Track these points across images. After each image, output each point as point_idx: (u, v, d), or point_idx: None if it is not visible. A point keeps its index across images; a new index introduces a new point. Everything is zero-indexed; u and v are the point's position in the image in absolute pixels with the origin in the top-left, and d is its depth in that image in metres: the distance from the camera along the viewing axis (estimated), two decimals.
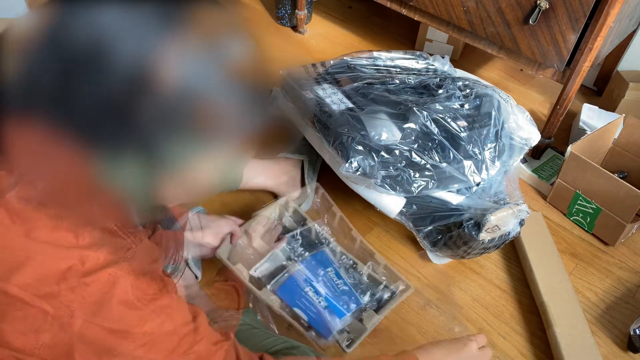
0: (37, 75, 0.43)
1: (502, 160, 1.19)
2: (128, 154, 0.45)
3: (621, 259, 1.31)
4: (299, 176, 1.39)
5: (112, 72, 0.43)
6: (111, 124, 0.46)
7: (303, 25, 2.05)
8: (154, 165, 0.47)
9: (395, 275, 1.13)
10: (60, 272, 0.48)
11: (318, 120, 1.21)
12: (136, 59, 0.44)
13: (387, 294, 1.11)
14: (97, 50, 0.43)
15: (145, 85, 0.45)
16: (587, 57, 1.30)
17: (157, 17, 0.45)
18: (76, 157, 0.45)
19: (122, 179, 0.46)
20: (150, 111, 0.45)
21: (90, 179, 0.46)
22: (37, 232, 0.48)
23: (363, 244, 1.17)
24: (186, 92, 0.45)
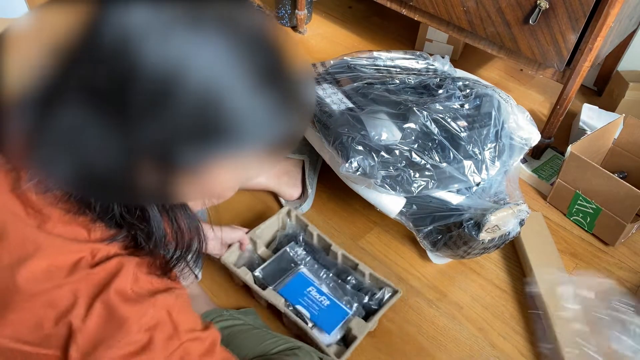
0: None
1: (502, 160, 1.19)
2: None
3: (621, 259, 1.31)
4: (300, 176, 1.39)
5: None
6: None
7: (303, 25, 2.05)
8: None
9: (382, 281, 1.12)
10: (69, 265, 0.48)
11: (318, 120, 1.21)
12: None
13: (374, 301, 1.11)
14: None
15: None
16: (587, 57, 1.30)
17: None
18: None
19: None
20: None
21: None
22: (49, 225, 0.48)
23: (345, 256, 1.16)
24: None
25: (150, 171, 0.39)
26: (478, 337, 1.12)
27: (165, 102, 0.36)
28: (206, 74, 0.36)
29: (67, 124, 0.37)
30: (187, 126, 0.37)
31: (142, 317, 0.48)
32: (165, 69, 0.35)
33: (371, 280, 1.14)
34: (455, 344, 1.11)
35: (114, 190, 0.41)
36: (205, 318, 1.01)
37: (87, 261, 0.48)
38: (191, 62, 0.35)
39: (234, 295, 1.15)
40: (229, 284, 1.17)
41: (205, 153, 0.40)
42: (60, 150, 0.38)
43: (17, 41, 0.40)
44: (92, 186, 0.41)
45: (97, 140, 0.37)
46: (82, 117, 0.37)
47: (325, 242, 1.18)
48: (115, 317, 0.47)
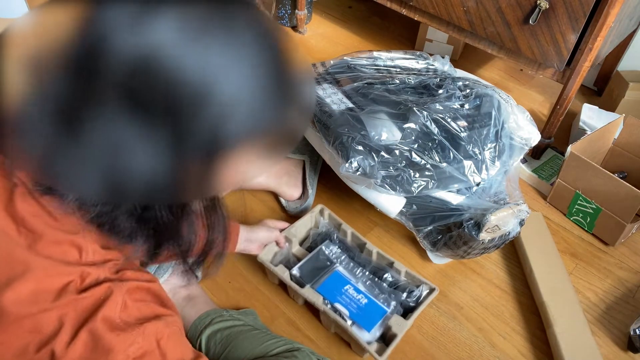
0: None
1: (502, 160, 1.19)
2: None
3: (621, 259, 1.31)
4: (300, 176, 1.39)
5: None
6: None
7: (303, 25, 2.05)
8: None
9: (418, 279, 1.13)
10: (56, 289, 0.47)
11: (318, 120, 1.21)
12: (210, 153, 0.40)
13: (412, 298, 1.11)
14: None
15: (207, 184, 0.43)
16: (587, 57, 1.30)
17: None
18: None
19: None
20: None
21: None
22: (40, 245, 0.47)
23: (380, 254, 1.17)
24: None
25: (196, 168, 0.40)
26: (478, 337, 1.12)
27: (206, 101, 0.37)
28: (232, 74, 0.38)
29: (105, 136, 0.36)
30: (224, 120, 0.38)
31: (130, 346, 0.48)
32: (201, 73, 0.36)
33: (407, 278, 1.15)
34: (455, 344, 1.11)
35: (162, 193, 0.41)
36: (205, 318, 1.01)
37: (76, 285, 0.47)
38: (221, 64, 0.37)
39: (234, 296, 1.15)
40: (228, 284, 1.18)
41: (234, 141, 0.41)
42: (97, 162, 0.38)
43: (21, 47, 0.39)
44: (132, 194, 0.40)
45: (146, 149, 0.37)
46: (122, 128, 0.36)
47: (360, 240, 1.19)
48: (101, 346, 0.46)
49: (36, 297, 0.46)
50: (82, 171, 0.38)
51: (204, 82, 0.36)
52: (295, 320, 1.12)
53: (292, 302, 1.15)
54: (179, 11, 0.36)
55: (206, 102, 0.37)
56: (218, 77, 0.37)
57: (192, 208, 0.49)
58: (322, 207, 1.26)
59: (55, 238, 0.47)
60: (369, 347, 0.99)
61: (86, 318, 0.47)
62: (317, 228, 1.25)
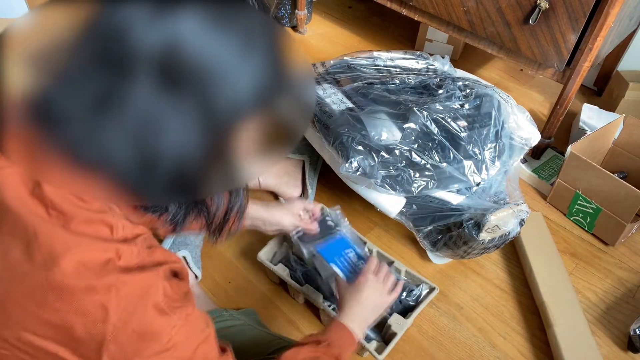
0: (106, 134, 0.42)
1: (502, 160, 1.19)
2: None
3: (621, 259, 1.31)
4: (300, 176, 1.39)
5: (195, 135, 0.44)
6: (177, 194, 0.48)
7: (303, 25, 2.05)
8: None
9: (418, 278, 1.13)
10: (99, 264, 0.49)
11: (318, 120, 1.21)
12: (224, 124, 0.45)
13: (412, 298, 1.11)
14: (185, 112, 0.43)
15: (221, 152, 0.47)
16: (587, 57, 1.30)
17: (259, 85, 0.46)
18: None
19: None
20: (217, 178, 0.48)
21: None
22: (73, 225, 0.49)
23: (380, 254, 1.17)
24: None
25: (218, 136, 0.45)
26: (478, 337, 1.12)
27: (224, 78, 0.44)
28: (244, 56, 0.45)
29: (139, 112, 0.42)
30: (237, 94, 0.45)
31: (172, 328, 0.51)
32: (219, 54, 0.43)
33: (407, 277, 1.14)
34: (455, 344, 1.11)
35: (192, 162, 0.45)
36: None
37: (115, 264, 0.50)
38: (235, 47, 0.44)
39: (234, 296, 1.15)
40: (228, 284, 1.18)
41: (245, 112, 0.46)
42: (133, 137, 0.42)
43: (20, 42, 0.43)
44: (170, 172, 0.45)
45: (177, 121, 0.43)
46: (154, 103, 0.42)
47: (360, 239, 1.19)
48: (149, 331, 0.50)
49: (80, 271, 0.48)
50: (119, 147, 0.42)
51: (221, 62, 0.43)
52: (295, 319, 1.12)
53: (292, 301, 1.15)
54: (193, 7, 0.43)
55: (224, 79, 0.44)
56: (233, 58, 0.44)
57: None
58: (322, 206, 1.25)
59: (86, 217, 0.50)
60: (368, 346, 0.99)
61: (134, 305, 0.49)
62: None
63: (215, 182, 0.49)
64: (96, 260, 0.49)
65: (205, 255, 1.22)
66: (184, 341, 0.53)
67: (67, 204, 0.49)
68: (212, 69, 0.43)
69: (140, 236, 0.53)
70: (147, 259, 0.52)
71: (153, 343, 0.50)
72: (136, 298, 0.50)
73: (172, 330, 0.51)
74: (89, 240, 0.49)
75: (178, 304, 0.53)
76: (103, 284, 0.48)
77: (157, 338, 0.50)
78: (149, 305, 0.50)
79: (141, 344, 0.50)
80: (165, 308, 0.51)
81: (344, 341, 0.84)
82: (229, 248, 1.25)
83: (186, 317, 0.53)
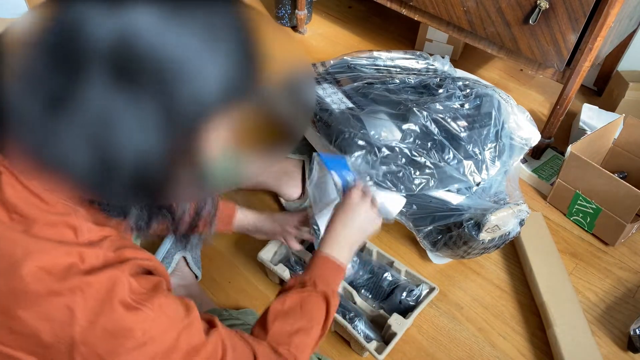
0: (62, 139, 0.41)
1: (502, 160, 1.19)
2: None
3: (621, 259, 1.31)
4: (300, 176, 1.39)
5: (156, 136, 0.42)
6: (141, 197, 0.46)
7: (303, 25, 2.05)
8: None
9: (418, 278, 1.13)
10: (62, 269, 0.48)
11: (319, 119, 1.21)
12: (188, 123, 0.44)
13: (412, 298, 1.11)
14: (145, 111, 0.42)
15: (188, 154, 0.45)
16: (587, 57, 1.30)
17: (226, 78, 0.44)
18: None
19: None
20: (186, 180, 0.47)
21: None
22: (36, 229, 0.48)
23: (380, 254, 1.17)
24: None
25: (182, 138, 0.44)
26: (478, 337, 1.12)
27: (184, 73, 0.42)
28: (205, 49, 0.43)
29: (94, 110, 0.40)
30: (201, 90, 0.43)
31: (144, 321, 0.50)
32: (178, 47, 0.42)
33: (407, 277, 1.14)
34: (455, 344, 1.11)
35: (152, 165, 0.44)
36: None
37: (78, 267, 0.48)
38: (194, 39, 0.43)
39: (234, 296, 1.15)
40: (228, 284, 1.18)
41: (211, 110, 0.45)
42: (89, 138, 0.41)
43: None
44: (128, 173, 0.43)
45: (134, 121, 0.41)
46: (110, 100, 0.40)
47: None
48: (120, 328, 0.49)
49: (41, 277, 0.47)
50: (75, 147, 0.41)
51: (180, 55, 0.41)
52: None
53: None
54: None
55: (184, 74, 0.42)
56: (193, 52, 0.42)
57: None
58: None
59: (49, 220, 0.48)
60: (369, 346, 0.99)
61: (101, 304, 0.48)
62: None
63: (184, 185, 0.48)
64: (58, 265, 0.47)
65: (205, 255, 1.22)
66: (162, 333, 0.52)
67: (30, 208, 0.48)
68: (170, 64, 0.41)
69: (107, 238, 0.52)
70: (112, 259, 0.51)
71: (126, 340, 0.49)
72: (102, 297, 0.48)
73: (145, 323, 0.50)
74: (51, 244, 0.48)
75: (146, 297, 0.51)
76: (67, 287, 0.47)
77: (129, 334, 0.49)
78: (115, 302, 0.49)
79: (114, 342, 0.48)
80: (132, 303, 0.50)
81: (330, 274, 0.80)
82: (229, 248, 1.25)
83: (159, 307, 0.52)
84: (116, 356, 0.49)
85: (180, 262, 1.12)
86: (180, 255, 1.12)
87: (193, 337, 0.56)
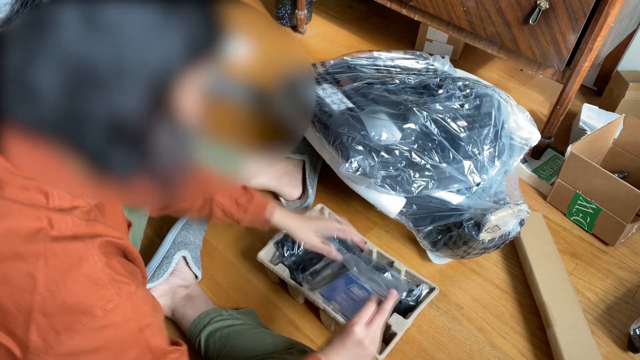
0: (36, 84, 0.42)
1: (502, 160, 1.19)
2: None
3: (621, 259, 1.31)
4: (300, 176, 1.39)
5: (128, 92, 0.43)
6: (121, 151, 0.45)
7: (303, 25, 2.05)
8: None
9: (419, 278, 1.13)
10: (29, 232, 0.47)
11: (318, 120, 1.21)
12: (156, 80, 0.44)
13: (412, 298, 1.11)
14: (115, 65, 0.42)
15: (163, 111, 0.45)
16: (587, 57, 1.30)
17: (188, 37, 0.45)
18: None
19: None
20: (167, 140, 0.46)
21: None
22: (7, 191, 0.48)
23: (380, 254, 1.17)
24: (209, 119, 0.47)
25: (160, 89, 0.44)
26: (478, 337, 1.12)
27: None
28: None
29: (69, 57, 0.42)
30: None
31: (107, 302, 0.49)
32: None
33: (407, 277, 1.14)
34: (455, 344, 1.11)
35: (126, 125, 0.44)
36: (204, 317, 1.01)
37: (47, 232, 0.48)
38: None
39: (234, 296, 1.15)
40: (228, 284, 1.18)
41: (175, 71, 0.45)
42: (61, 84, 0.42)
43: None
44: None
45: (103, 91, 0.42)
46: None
47: (361, 240, 1.18)
48: (80, 302, 0.48)
49: (8, 238, 0.46)
50: (50, 96, 0.42)
51: (143, 15, 0.43)
52: (295, 319, 1.12)
53: (292, 301, 1.15)
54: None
55: (148, 30, 0.43)
56: (155, 12, 0.43)
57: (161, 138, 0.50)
58: (322, 206, 1.26)
59: (21, 184, 0.48)
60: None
61: (64, 274, 0.47)
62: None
63: (164, 143, 0.47)
64: (26, 228, 0.47)
65: (205, 255, 1.22)
66: (123, 321, 0.51)
67: (2, 171, 0.48)
68: (135, 16, 0.42)
69: (77, 208, 0.52)
70: (82, 230, 0.51)
71: (84, 316, 0.48)
72: (66, 267, 0.48)
73: (107, 304, 0.49)
74: (20, 207, 0.48)
75: (121, 279, 0.51)
76: (31, 251, 0.47)
77: (88, 311, 0.48)
78: (79, 275, 0.48)
79: (72, 317, 0.48)
80: (102, 278, 0.49)
81: None
82: (229, 248, 1.25)
83: (127, 295, 0.51)
84: (72, 332, 0.47)
85: (180, 262, 1.12)
86: (180, 255, 1.12)
87: (155, 339, 0.55)
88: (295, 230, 1.05)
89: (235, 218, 0.99)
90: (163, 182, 0.52)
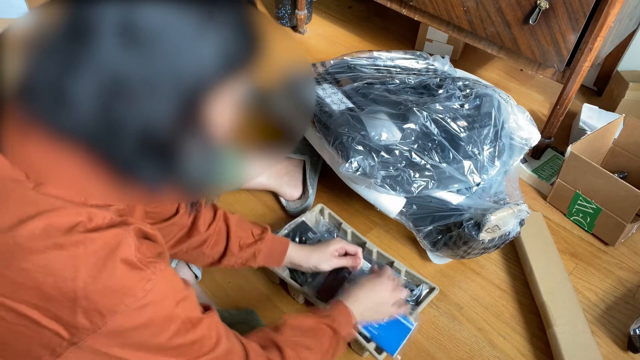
0: (73, 94, 0.43)
1: (502, 160, 1.19)
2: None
3: (621, 259, 1.31)
4: (301, 176, 1.39)
5: (162, 104, 0.45)
6: (150, 161, 0.47)
7: (303, 25, 2.05)
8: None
9: (419, 278, 1.13)
10: (67, 227, 0.49)
11: (318, 120, 1.21)
12: (190, 94, 0.46)
13: (412, 298, 1.11)
14: (151, 78, 0.44)
15: (194, 124, 0.47)
16: (587, 57, 1.30)
17: (225, 51, 0.46)
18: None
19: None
20: (196, 152, 0.48)
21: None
22: (48, 188, 0.49)
23: (380, 254, 1.17)
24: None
25: (193, 102, 0.46)
26: (478, 337, 1.12)
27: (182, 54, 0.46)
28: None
29: (104, 71, 0.43)
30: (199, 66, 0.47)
31: (147, 282, 0.51)
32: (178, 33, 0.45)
33: (407, 277, 1.14)
34: (455, 344, 1.11)
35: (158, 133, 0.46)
36: None
37: (85, 225, 0.50)
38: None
39: (234, 296, 1.15)
40: (228, 284, 1.18)
41: (210, 83, 0.47)
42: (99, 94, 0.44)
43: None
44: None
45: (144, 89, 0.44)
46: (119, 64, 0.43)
47: (360, 240, 1.20)
48: (122, 285, 0.50)
49: (48, 231, 0.48)
50: (86, 107, 0.44)
51: (180, 27, 0.44)
52: None
53: (292, 301, 1.15)
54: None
55: (185, 43, 0.45)
56: (192, 21, 0.45)
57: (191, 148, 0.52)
58: (322, 206, 1.26)
59: (62, 181, 0.50)
60: (368, 346, 0.99)
61: (104, 260, 0.49)
62: (317, 227, 1.24)
63: (194, 155, 0.49)
64: (67, 222, 0.49)
65: None
66: (162, 299, 0.53)
67: (47, 165, 0.49)
68: (171, 36, 0.44)
69: (112, 206, 0.54)
70: (117, 221, 0.53)
71: (127, 297, 0.50)
72: (105, 253, 0.49)
73: (147, 284, 0.51)
74: (62, 203, 0.49)
75: (150, 260, 0.53)
76: (71, 241, 0.48)
77: (130, 292, 0.50)
78: (118, 259, 0.50)
79: (115, 299, 0.49)
80: (136, 262, 0.51)
81: (344, 320, 0.87)
82: None
83: (161, 272, 0.53)
84: (115, 313, 0.49)
85: (180, 262, 1.12)
86: None
87: (191, 310, 0.58)
88: (312, 255, 1.07)
89: (253, 249, 0.99)
90: (189, 191, 0.54)
